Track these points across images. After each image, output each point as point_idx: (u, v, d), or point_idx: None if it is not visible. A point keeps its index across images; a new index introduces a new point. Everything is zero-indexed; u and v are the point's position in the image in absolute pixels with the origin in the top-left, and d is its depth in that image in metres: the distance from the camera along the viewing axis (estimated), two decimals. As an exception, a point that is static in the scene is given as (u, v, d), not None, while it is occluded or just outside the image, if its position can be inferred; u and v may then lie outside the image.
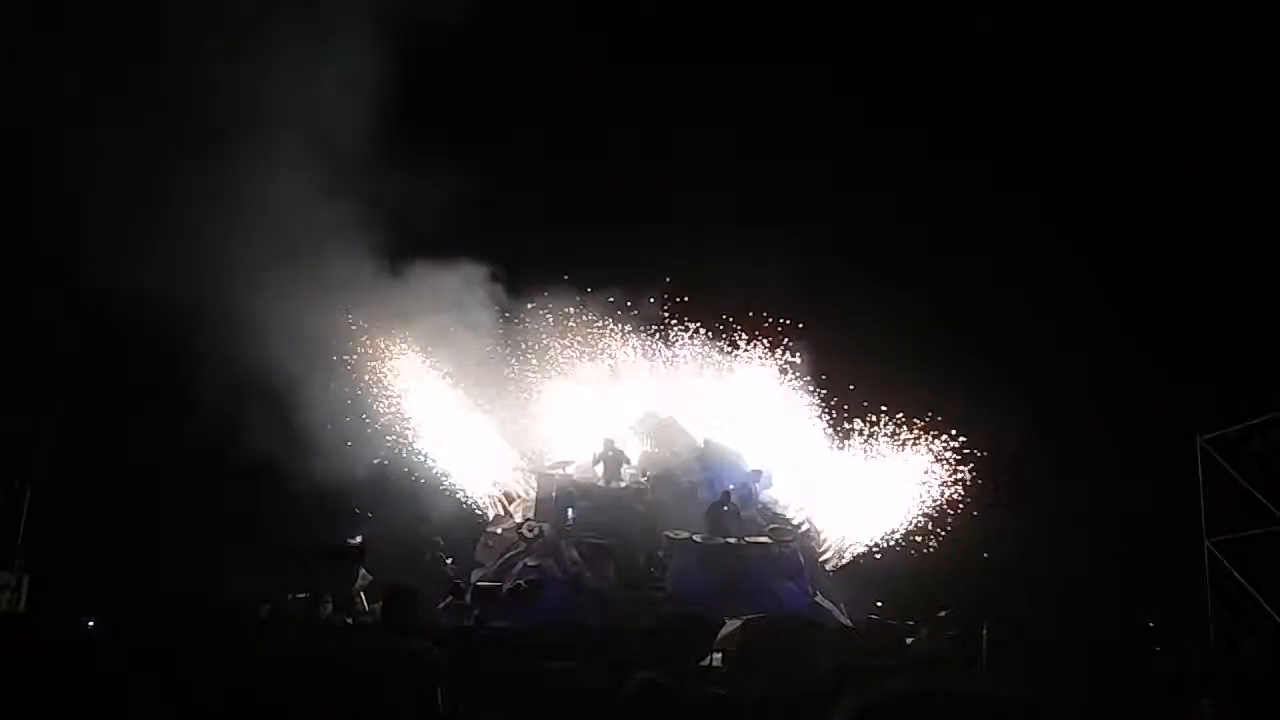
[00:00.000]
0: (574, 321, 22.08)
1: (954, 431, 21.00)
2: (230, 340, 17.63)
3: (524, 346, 21.30)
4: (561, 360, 21.85)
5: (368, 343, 20.66)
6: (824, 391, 21.93)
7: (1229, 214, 21.07)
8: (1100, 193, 21.84)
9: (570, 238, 21.44)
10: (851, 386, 21.63)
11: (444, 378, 20.66)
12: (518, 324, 21.20)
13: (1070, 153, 21.78)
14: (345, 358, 20.42)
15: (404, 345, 20.73)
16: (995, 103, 21.51)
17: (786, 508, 20.06)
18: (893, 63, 21.62)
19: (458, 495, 20.48)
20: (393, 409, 20.66)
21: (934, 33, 21.86)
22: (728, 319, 22.22)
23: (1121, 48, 21.05)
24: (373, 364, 20.71)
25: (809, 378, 21.99)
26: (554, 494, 18.83)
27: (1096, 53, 21.28)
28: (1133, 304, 21.63)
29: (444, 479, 20.51)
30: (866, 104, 21.72)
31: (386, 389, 20.70)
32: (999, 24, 20.75)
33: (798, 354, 22.07)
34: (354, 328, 20.48)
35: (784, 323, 22.11)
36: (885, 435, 21.04)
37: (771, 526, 18.85)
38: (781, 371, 22.12)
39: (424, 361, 20.72)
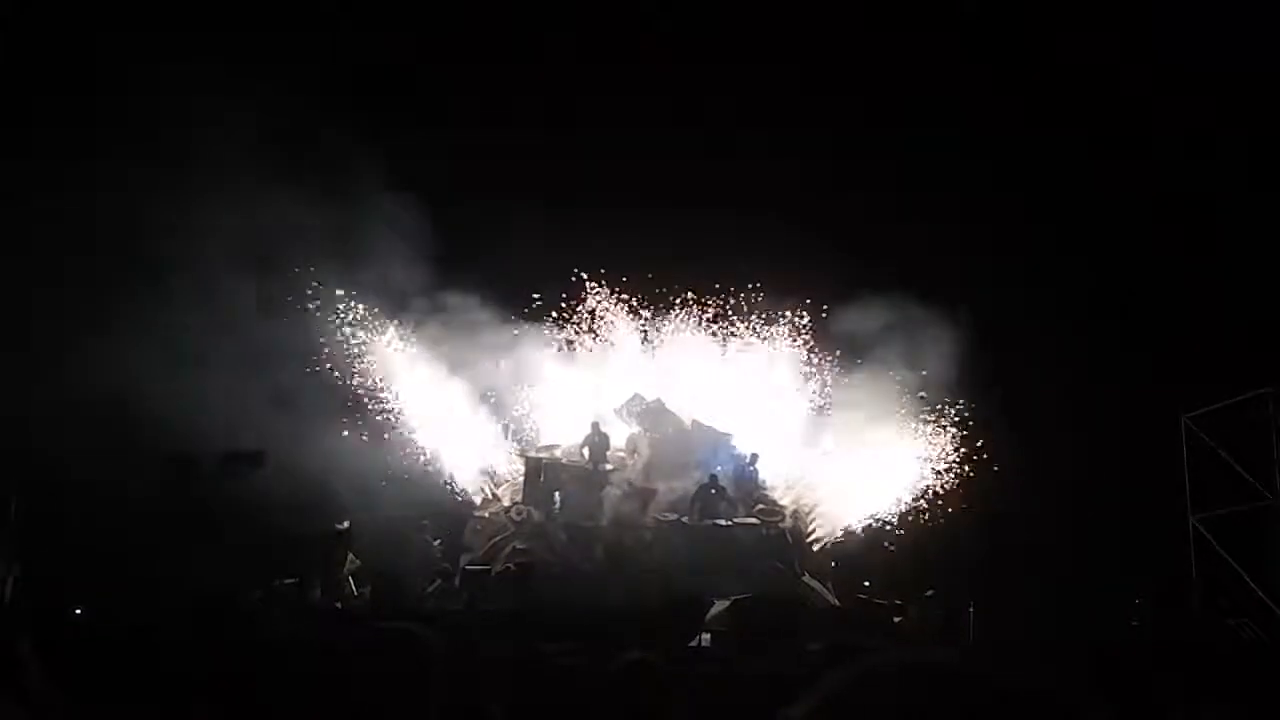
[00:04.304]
0: (563, 303, 22.11)
1: (940, 413, 21.12)
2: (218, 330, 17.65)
3: (512, 329, 21.26)
4: (550, 343, 21.84)
5: (354, 327, 20.62)
6: (814, 375, 21.99)
7: (1209, 198, 21.19)
8: (1083, 178, 21.93)
9: (561, 220, 21.45)
10: (838, 371, 21.71)
11: (430, 361, 20.63)
12: (506, 306, 21.18)
13: (1059, 143, 21.91)
14: (331, 342, 20.41)
15: (390, 329, 20.71)
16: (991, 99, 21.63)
17: (775, 489, 20.11)
18: (892, 62, 21.72)
19: (445, 479, 20.48)
20: (379, 392, 20.64)
21: (935, 32, 21.97)
22: (720, 304, 22.25)
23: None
24: (359, 348, 20.68)
25: (799, 361, 22.04)
26: (540, 477, 18.84)
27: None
28: (1116, 284, 21.73)
29: (431, 463, 20.51)
30: (866, 102, 21.85)
31: (372, 373, 20.68)
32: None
33: (789, 337, 22.12)
34: (340, 314, 20.47)
35: (777, 310, 22.14)
36: (872, 417, 21.06)
37: (759, 508, 18.90)
38: (772, 355, 22.15)
39: (410, 345, 20.71)
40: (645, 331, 22.36)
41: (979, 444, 21.08)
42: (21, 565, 15.10)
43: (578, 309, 22.23)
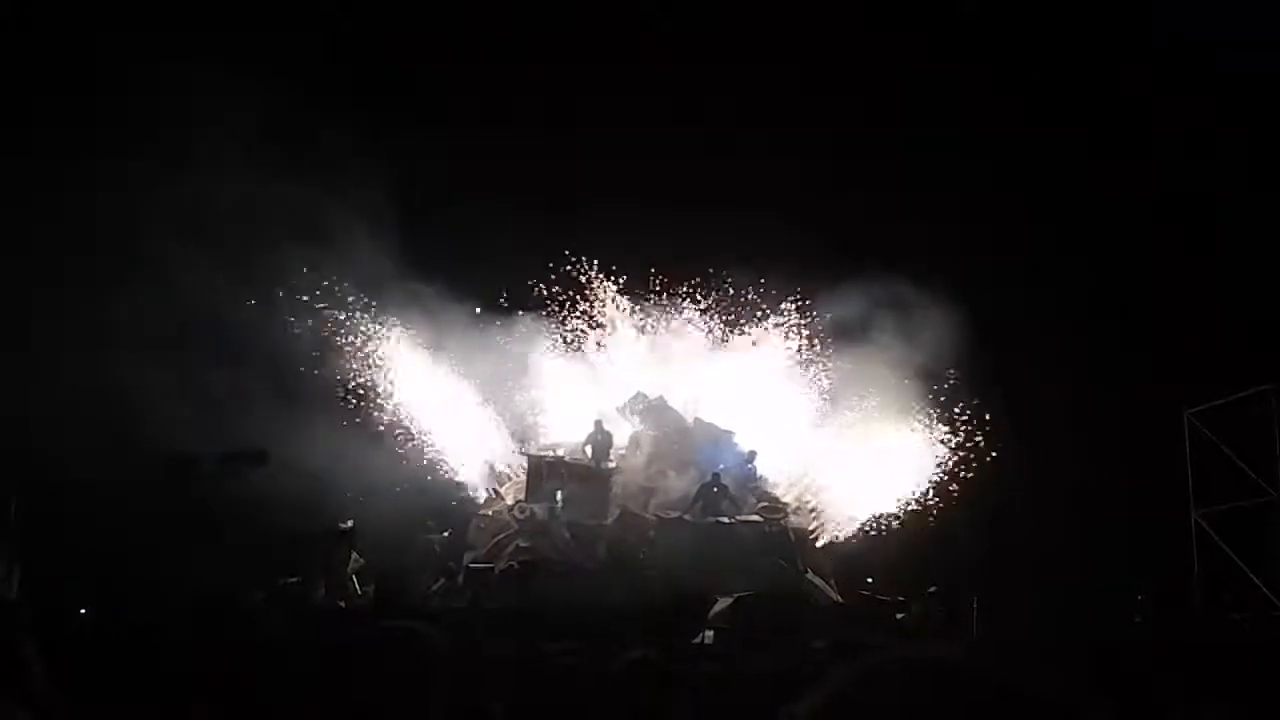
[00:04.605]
0: (565, 302, 22.10)
1: (942, 408, 21.13)
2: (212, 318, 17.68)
3: (514, 328, 21.27)
4: (553, 341, 21.86)
5: (358, 325, 20.64)
6: (815, 371, 21.99)
7: (1209, 197, 21.19)
8: (1082, 172, 21.92)
9: (561, 217, 21.45)
10: (839, 367, 21.69)
11: (434, 361, 20.65)
12: (508, 305, 21.20)
13: (1055, 136, 21.90)
14: (335, 339, 20.44)
15: (395, 327, 20.74)
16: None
17: (777, 485, 20.12)
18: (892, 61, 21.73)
19: (448, 478, 20.50)
20: (384, 391, 20.67)
21: (935, 32, 21.97)
22: (721, 301, 22.26)
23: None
24: (363, 346, 20.69)
25: (802, 357, 22.03)
26: (543, 476, 18.85)
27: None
28: (1117, 281, 21.72)
29: (435, 462, 20.52)
30: (866, 102, 21.86)
31: (377, 371, 20.70)
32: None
33: (789, 333, 22.11)
34: (345, 311, 20.50)
35: (778, 306, 22.14)
36: (875, 414, 21.06)
37: (762, 505, 18.91)
38: (773, 351, 22.13)
39: (413, 345, 20.72)
40: (647, 329, 22.38)
41: (981, 440, 21.09)
42: (22, 566, 15.12)
43: (579, 307, 22.24)
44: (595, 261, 22.06)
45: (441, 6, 21.77)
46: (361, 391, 20.56)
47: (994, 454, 20.94)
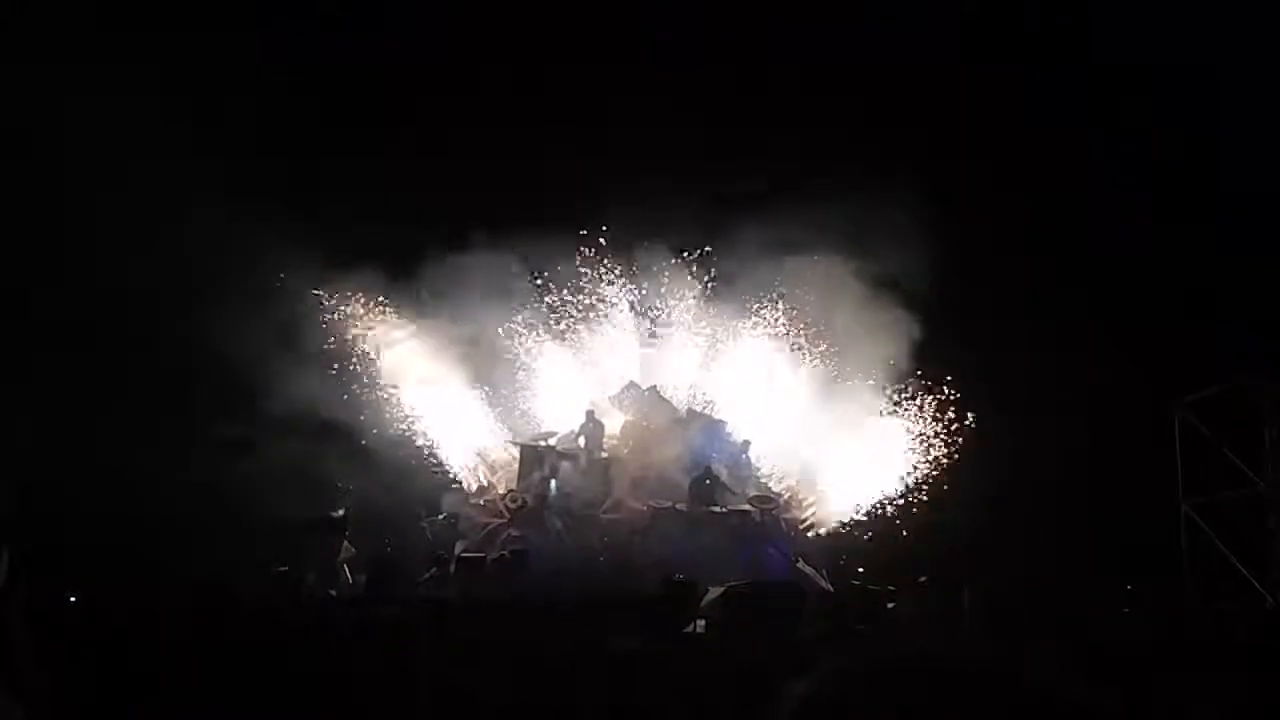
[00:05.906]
0: (560, 288, 22.07)
1: (934, 400, 21.18)
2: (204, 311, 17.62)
3: (509, 317, 21.24)
4: (545, 329, 21.83)
5: (347, 312, 20.59)
6: (809, 360, 21.99)
7: (1202, 176, 21.24)
8: (1072, 158, 21.94)
9: (560, 202, 21.45)
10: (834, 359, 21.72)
11: (426, 349, 20.62)
12: (502, 292, 21.15)
13: (1045, 124, 21.94)
14: (324, 328, 20.40)
15: (385, 314, 20.69)
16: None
17: (770, 475, 20.16)
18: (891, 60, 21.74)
19: (440, 466, 20.49)
20: (374, 380, 20.64)
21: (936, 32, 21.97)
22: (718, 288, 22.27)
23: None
24: (354, 334, 20.65)
25: (795, 346, 22.04)
26: (536, 465, 18.87)
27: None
28: (1109, 266, 21.75)
29: (427, 450, 20.51)
30: (866, 101, 21.89)
31: (368, 360, 20.67)
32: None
33: (785, 323, 22.11)
34: (332, 298, 20.45)
35: (773, 291, 22.14)
36: (867, 404, 21.09)
37: (754, 494, 18.95)
38: (769, 340, 22.13)
39: (406, 331, 20.68)
40: (640, 318, 22.36)
41: (970, 431, 21.14)
42: (12, 551, 15.06)
43: (575, 297, 22.20)
44: (593, 252, 22.08)
45: (441, 6, 21.70)
46: (355, 380, 20.52)
47: (984, 445, 20.98)
